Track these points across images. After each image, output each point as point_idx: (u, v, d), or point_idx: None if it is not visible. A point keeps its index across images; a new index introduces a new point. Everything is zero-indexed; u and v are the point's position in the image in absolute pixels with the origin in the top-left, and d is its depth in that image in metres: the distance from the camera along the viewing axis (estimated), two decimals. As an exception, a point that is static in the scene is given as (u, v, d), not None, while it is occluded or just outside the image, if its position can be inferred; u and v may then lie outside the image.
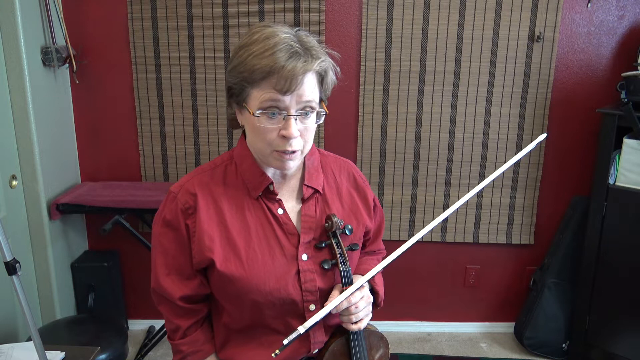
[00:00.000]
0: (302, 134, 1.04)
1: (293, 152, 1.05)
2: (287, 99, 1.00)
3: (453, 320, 3.00)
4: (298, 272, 1.12)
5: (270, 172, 1.14)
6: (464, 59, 2.60)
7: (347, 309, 1.10)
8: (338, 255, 1.13)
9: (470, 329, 2.99)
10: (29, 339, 1.49)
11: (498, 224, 2.81)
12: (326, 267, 1.12)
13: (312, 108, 1.04)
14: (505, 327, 2.99)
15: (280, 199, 1.15)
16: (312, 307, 1.14)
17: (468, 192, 1.09)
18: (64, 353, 1.54)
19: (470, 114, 2.67)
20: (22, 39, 2.23)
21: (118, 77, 2.65)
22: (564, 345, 2.72)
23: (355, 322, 1.12)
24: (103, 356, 1.98)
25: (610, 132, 2.34)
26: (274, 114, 1.01)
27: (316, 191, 1.19)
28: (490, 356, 2.78)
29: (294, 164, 1.08)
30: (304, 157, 1.17)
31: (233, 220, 1.11)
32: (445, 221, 2.81)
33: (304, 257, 1.13)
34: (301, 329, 0.99)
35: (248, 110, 1.04)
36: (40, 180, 2.39)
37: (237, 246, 1.10)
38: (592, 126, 2.65)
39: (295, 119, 1.02)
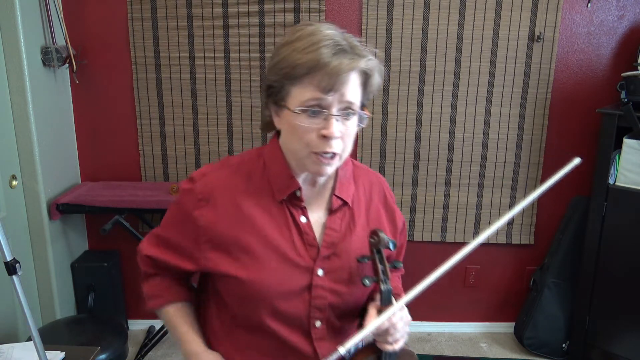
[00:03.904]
0: (342, 137, 0.98)
1: (332, 155, 0.98)
2: (330, 98, 0.94)
3: (453, 320, 3.00)
4: (310, 287, 1.06)
5: (300, 179, 1.07)
6: (464, 59, 2.60)
7: (385, 329, 1.02)
8: (380, 273, 1.05)
9: (470, 329, 2.99)
10: (29, 339, 1.49)
11: (498, 224, 2.80)
12: (366, 284, 1.04)
13: (353, 110, 0.98)
14: (505, 327, 2.98)
15: (305, 207, 1.08)
16: (318, 323, 1.08)
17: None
18: (64, 353, 1.54)
19: (470, 114, 2.67)
20: (22, 39, 2.23)
21: (118, 77, 2.65)
22: (564, 345, 2.72)
23: (391, 343, 1.04)
24: (103, 356, 1.98)
25: (610, 132, 2.34)
26: (314, 112, 0.95)
27: (345, 203, 1.11)
28: (490, 356, 2.78)
29: (330, 169, 1.01)
30: (337, 167, 1.08)
31: (251, 219, 1.05)
32: (445, 221, 2.81)
33: (320, 272, 1.06)
34: (341, 350, 0.95)
35: (287, 108, 0.98)
36: (40, 180, 2.39)
37: (250, 246, 1.04)
38: (592, 126, 2.65)
39: (337, 119, 0.96)
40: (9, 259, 1.25)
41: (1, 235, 1.22)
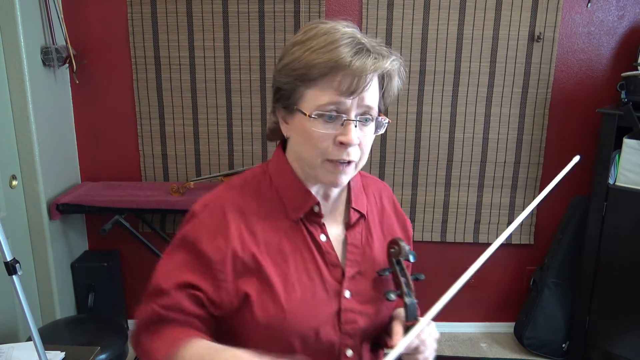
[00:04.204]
0: (360, 144, 0.91)
1: (348, 163, 0.91)
2: (349, 102, 0.87)
3: (453, 320, 3.00)
4: (339, 312, 0.96)
5: (314, 190, 0.98)
6: (464, 59, 2.60)
7: (414, 347, 0.94)
8: (404, 286, 0.97)
9: (470, 329, 2.99)
10: (29, 339, 1.49)
11: (498, 224, 2.81)
12: (391, 298, 0.96)
13: (371, 116, 0.91)
14: (505, 327, 2.98)
15: (324, 223, 0.99)
16: (350, 352, 0.98)
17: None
18: (64, 353, 1.54)
19: (470, 114, 2.67)
20: (22, 39, 2.23)
21: (118, 77, 2.65)
22: (564, 345, 2.72)
23: None
24: (103, 356, 1.98)
25: (610, 132, 2.34)
26: (331, 116, 0.87)
27: (362, 215, 1.04)
28: (490, 356, 2.78)
29: (346, 178, 0.93)
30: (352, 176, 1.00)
31: (268, 247, 0.94)
32: (445, 221, 2.81)
33: (347, 294, 0.97)
34: None
35: (301, 111, 0.89)
36: (40, 180, 2.39)
37: (272, 280, 0.92)
38: (592, 126, 2.65)
39: (355, 125, 0.88)
40: (9, 259, 1.26)
41: (1, 235, 1.22)
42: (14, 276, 1.27)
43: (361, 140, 0.90)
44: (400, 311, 1.01)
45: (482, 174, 2.74)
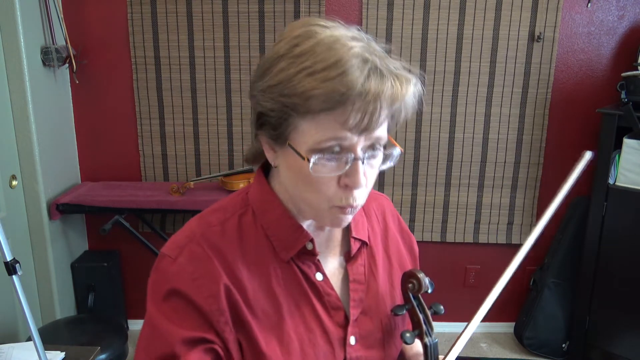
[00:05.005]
0: (367, 179, 0.73)
1: (355, 206, 0.74)
2: (356, 138, 0.68)
3: (453, 320, 3.00)
4: None
5: (304, 225, 0.82)
6: (464, 59, 2.60)
7: None
8: (423, 324, 0.86)
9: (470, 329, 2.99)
10: (29, 339, 1.49)
11: (498, 224, 2.81)
12: (409, 340, 0.83)
13: (380, 146, 0.73)
14: (505, 327, 2.98)
15: (319, 260, 0.83)
16: None
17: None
18: (64, 353, 1.54)
19: (470, 114, 2.67)
20: (22, 39, 2.23)
21: (118, 77, 2.65)
22: (564, 345, 2.72)
23: None
24: (103, 356, 1.98)
25: (610, 132, 2.34)
26: (333, 154, 0.69)
27: (364, 243, 0.88)
28: (490, 356, 2.78)
29: (350, 219, 0.78)
30: None
31: (257, 295, 0.77)
32: (445, 221, 2.81)
33: (352, 340, 0.83)
34: None
35: (296, 151, 0.70)
36: (40, 180, 2.39)
37: (260, 343, 0.77)
38: (592, 126, 2.65)
39: (363, 162, 0.70)
40: (9, 259, 1.26)
41: (1, 235, 1.22)
42: (14, 276, 1.27)
43: (367, 177, 0.73)
44: (415, 350, 0.90)
45: (482, 174, 2.74)
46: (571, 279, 2.70)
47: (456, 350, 0.81)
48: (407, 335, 0.84)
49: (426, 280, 0.84)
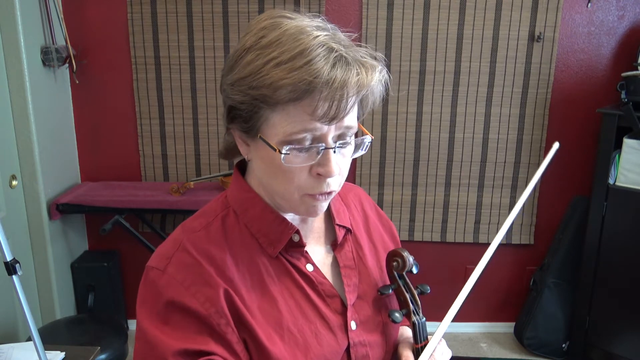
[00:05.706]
0: (340, 167, 0.75)
1: (328, 193, 0.76)
2: (326, 127, 0.70)
3: (453, 320, 2.99)
4: (348, 349, 0.83)
5: (289, 217, 0.83)
6: (464, 59, 2.60)
7: None
8: (410, 303, 0.87)
9: (470, 329, 2.99)
10: (29, 339, 1.49)
11: (498, 224, 2.81)
12: (397, 319, 0.84)
13: (350, 134, 0.75)
14: (505, 327, 2.99)
15: (307, 251, 0.84)
16: None
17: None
18: (64, 353, 1.54)
19: (470, 114, 2.67)
20: (22, 39, 2.23)
21: (118, 77, 2.65)
22: (564, 345, 2.72)
23: None
24: (103, 356, 1.98)
25: (610, 132, 2.34)
26: (304, 146, 0.71)
27: (348, 230, 0.91)
28: (490, 356, 2.78)
29: (325, 205, 0.79)
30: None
31: (252, 294, 0.77)
32: (445, 221, 2.81)
33: (353, 325, 0.83)
34: None
35: (267, 143, 0.72)
36: (40, 180, 2.39)
37: (266, 333, 0.76)
38: (592, 126, 2.65)
39: (334, 151, 0.72)
40: (9, 259, 1.26)
41: (1, 235, 1.22)
42: (13, 276, 1.27)
43: (340, 166, 0.75)
44: (406, 331, 0.93)
45: (482, 174, 2.74)
46: (571, 279, 2.70)
47: (444, 326, 0.82)
48: (396, 314, 0.85)
49: (410, 259, 0.86)
